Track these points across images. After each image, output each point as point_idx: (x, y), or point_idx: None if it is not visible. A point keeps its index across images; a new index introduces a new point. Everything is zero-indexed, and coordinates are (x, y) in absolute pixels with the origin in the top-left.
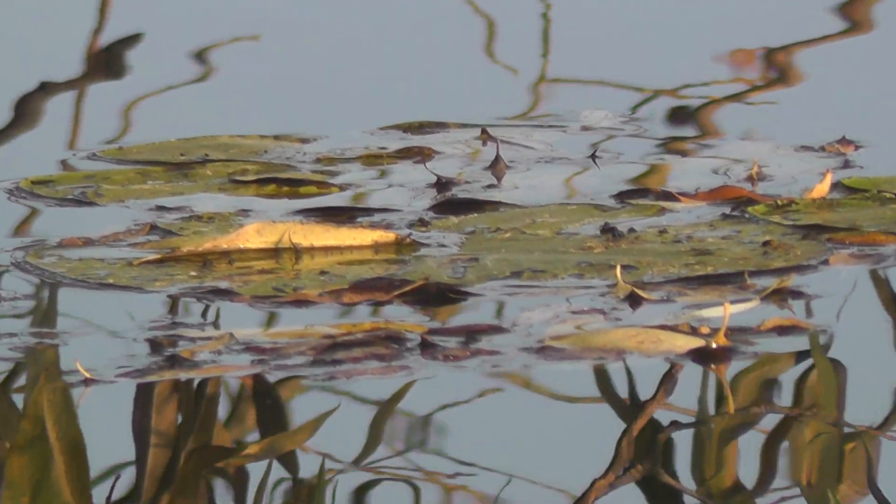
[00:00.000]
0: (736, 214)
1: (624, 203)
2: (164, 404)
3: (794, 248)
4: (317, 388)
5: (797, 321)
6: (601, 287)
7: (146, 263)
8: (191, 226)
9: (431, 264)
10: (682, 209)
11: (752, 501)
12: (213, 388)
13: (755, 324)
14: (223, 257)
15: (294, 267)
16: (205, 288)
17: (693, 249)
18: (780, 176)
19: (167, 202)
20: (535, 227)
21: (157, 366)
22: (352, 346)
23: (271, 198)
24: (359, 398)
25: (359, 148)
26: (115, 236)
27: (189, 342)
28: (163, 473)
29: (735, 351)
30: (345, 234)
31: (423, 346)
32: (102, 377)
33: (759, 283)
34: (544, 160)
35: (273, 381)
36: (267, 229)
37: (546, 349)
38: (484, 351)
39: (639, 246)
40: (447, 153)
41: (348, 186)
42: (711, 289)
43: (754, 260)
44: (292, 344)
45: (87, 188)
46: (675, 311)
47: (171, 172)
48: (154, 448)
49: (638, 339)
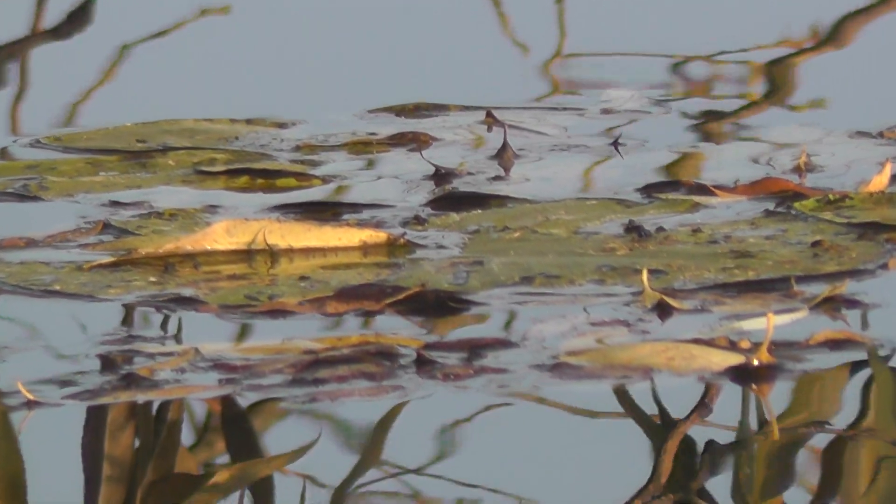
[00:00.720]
0: (781, 211)
1: (651, 198)
2: (119, 431)
3: (848, 249)
4: (296, 413)
5: (852, 334)
6: (625, 295)
7: (98, 268)
8: (150, 224)
9: (429, 268)
10: (719, 204)
11: None
12: (175, 412)
13: (803, 338)
14: (187, 260)
15: (269, 272)
16: (166, 296)
17: (732, 251)
18: (831, 166)
19: (122, 196)
20: (548, 226)
21: (111, 386)
22: (337, 363)
23: (243, 191)
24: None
25: (344, 134)
26: (63, 236)
27: (147, 359)
28: None
29: (780, 368)
30: (328, 233)
31: (420, 362)
32: (47, 399)
33: (808, 291)
34: (559, 148)
35: (245, 405)
36: (238, 228)
37: (561, 366)
38: (489, 369)
39: (669, 247)
40: (447, 140)
41: (332, 178)
42: (753, 297)
43: (802, 263)
44: (267, 361)
45: (30, 180)
46: (710, 323)
47: (128, 162)
48: (107, 482)
49: (668, 354)
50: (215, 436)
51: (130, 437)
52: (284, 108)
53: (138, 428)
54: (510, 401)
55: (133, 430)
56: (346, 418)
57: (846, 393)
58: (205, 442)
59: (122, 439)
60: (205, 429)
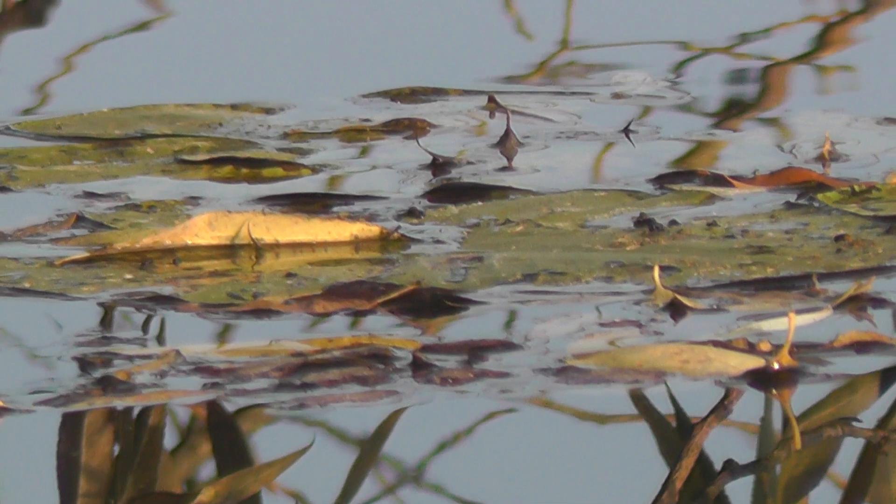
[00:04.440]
0: (803, 203)
1: (664, 189)
2: (96, 439)
3: (874, 244)
4: (284, 419)
5: (879, 336)
6: (635, 293)
7: (71, 263)
8: (127, 217)
9: (425, 265)
10: (737, 196)
11: None
12: (156, 418)
13: (827, 339)
14: (166, 256)
15: (254, 268)
16: (144, 294)
17: (749, 246)
18: (857, 155)
19: (97, 187)
20: (553, 219)
21: (87, 391)
22: (327, 366)
23: (227, 182)
24: (336, 431)
25: (336, 120)
26: (33, 230)
27: (125, 361)
28: None
29: (802, 372)
30: (317, 227)
31: (416, 366)
32: (18, 405)
33: (832, 289)
34: (566, 135)
35: (230, 410)
36: (221, 221)
37: (568, 370)
38: (491, 372)
39: (682, 242)
40: (445, 126)
41: (322, 168)
42: (772, 295)
43: (825, 259)
44: (253, 364)
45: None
46: (727, 324)
47: (103, 150)
48: (83, 497)
49: (682, 357)
50: (199, 443)
51: (109, 446)
52: (272, 93)
53: (117, 435)
54: (513, 406)
55: (111, 438)
56: (337, 425)
57: (875, 398)
58: (188, 450)
59: (100, 448)
60: (188, 436)
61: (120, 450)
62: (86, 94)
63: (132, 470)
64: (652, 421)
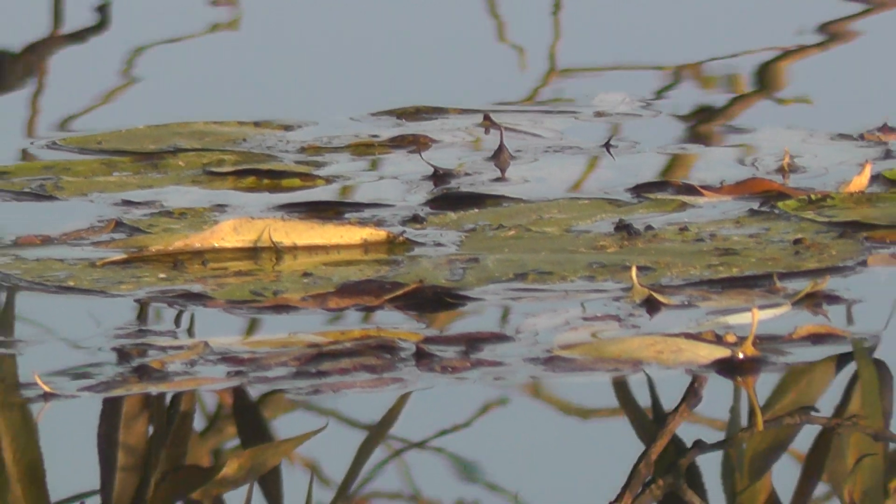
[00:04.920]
0: (765, 210)
1: (641, 197)
2: (133, 421)
3: (828, 247)
4: (301, 403)
5: (833, 329)
6: (615, 291)
7: (111, 264)
8: (160, 222)
9: (427, 265)
10: (706, 204)
11: None
12: (186, 403)
13: (786, 332)
14: (196, 257)
15: (274, 268)
16: (176, 291)
17: (717, 249)
18: (813, 167)
19: (135, 196)
20: (541, 224)
21: (125, 378)
22: (339, 356)
23: (250, 191)
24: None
25: (347, 136)
26: (77, 234)
27: (159, 352)
28: (131, 498)
29: (764, 362)
30: (331, 231)
31: (419, 355)
32: (63, 391)
33: (791, 287)
34: (553, 150)
35: (253, 396)
36: (245, 226)
37: (555, 359)
38: (486, 361)
39: (657, 245)
40: (446, 142)
41: (335, 179)
42: (737, 293)
43: (785, 261)
44: (273, 354)
45: (47, 180)
46: (697, 318)
47: (140, 163)
48: (121, 471)
49: (656, 348)
50: (225, 425)
51: (144, 427)
52: (290, 112)
53: (151, 418)
54: (506, 392)
55: (146, 420)
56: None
57: (829, 383)
58: (215, 431)
59: (136, 429)
60: (215, 418)
61: (154, 430)
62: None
63: (165, 448)
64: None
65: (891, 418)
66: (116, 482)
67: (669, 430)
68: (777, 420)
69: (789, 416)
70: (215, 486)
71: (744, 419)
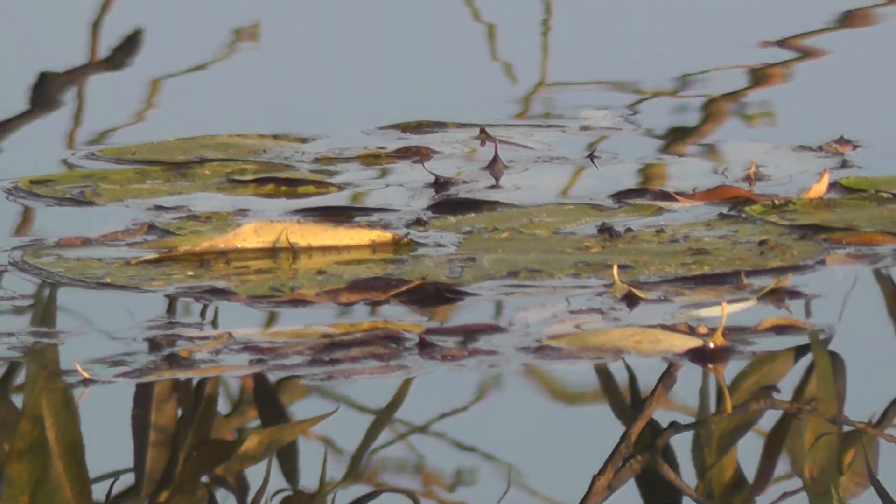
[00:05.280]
0: (733, 214)
1: (621, 203)
2: (163, 404)
3: (790, 248)
4: (316, 388)
5: (794, 321)
6: (598, 287)
7: (144, 263)
8: (188, 225)
9: (429, 264)
10: (680, 209)
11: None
12: (211, 387)
13: (752, 324)
14: (220, 257)
15: (291, 267)
16: (202, 287)
17: (690, 249)
18: (777, 176)
19: (165, 202)
20: (532, 227)
21: (156, 365)
22: (350, 345)
23: (269, 197)
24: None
25: (357, 147)
26: (113, 236)
27: (187, 342)
28: (162, 473)
29: (733, 351)
30: (342, 233)
31: (421, 345)
32: (101, 377)
33: (756, 283)
34: (542, 160)
35: (272, 381)
36: (264, 229)
37: (544, 349)
38: (482, 351)
39: (636, 245)
40: (445, 153)
41: (346, 186)
42: (708, 289)
43: (751, 260)
44: (290, 343)
45: (86, 188)
46: (672, 311)
47: (170, 172)
48: (153, 447)
49: (636, 338)
50: (246, 407)
51: (173, 409)
52: (306, 126)
53: (180, 401)
54: (500, 377)
55: (175, 403)
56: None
57: (790, 369)
58: (237, 412)
59: (166, 411)
60: (237, 402)
61: (182, 412)
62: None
63: (192, 428)
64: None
65: (844, 402)
66: (148, 458)
67: (647, 412)
68: (744, 404)
69: (755, 400)
70: (237, 461)
71: (714, 403)
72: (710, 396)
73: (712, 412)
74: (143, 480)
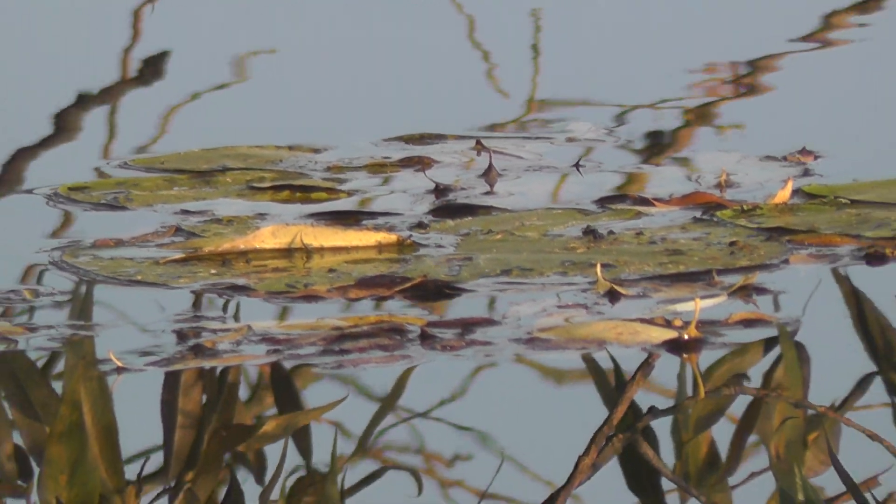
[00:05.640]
0: (706, 218)
1: (604, 208)
2: (189, 390)
3: (758, 248)
4: (327, 375)
5: (761, 315)
6: (583, 284)
7: (171, 262)
8: (212, 228)
9: (430, 263)
10: (657, 213)
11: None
12: (233, 375)
13: (723, 317)
14: (241, 257)
15: (305, 265)
16: (224, 284)
17: (666, 250)
18: (746, 183)
19: (191, 206)
20: (523, 230)
21: (182, 355)
22: (358, 337)
23: (285, 203)
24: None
25: (365, 157)
26: (144, 237)
27: (211, 333)
28: (188, 453)
29: (705, 342)
30: (351, 235)
31: (423, 337)
32: (133, 366)
33: (727, 281)
34: (533, 169)
35: (287, 369)
36: (281, 231)
37: (534, 340)
38: (478, 341)
39: (617, 246)
40: (445, 162)
41: (355, 192)
42: (683, 285)
43: (722, 259)
44: (304, 335)
45: (119, 194)
46: (650, 306)
47: (195, 179)
48: (180, 430)
49: (617, 330)
50: (265, 393)
51: (199, 395)
52: (318, 138)
53: (205, 387)
54: (495, 365)
55: (200, 389)
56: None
57: (759, 359)
58: (256, 397)
59: (192, 396)
60: (256, 387)
61: (207, 398)
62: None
63: (216, 412)
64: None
65: (808, 388)
66: (176, 440)
67: (627, 397)
68: (716, 390)
69: (726, 386)
70: (256, 441)
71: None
72: (686, 383)
73: (688, 397)
74: (171, 460)
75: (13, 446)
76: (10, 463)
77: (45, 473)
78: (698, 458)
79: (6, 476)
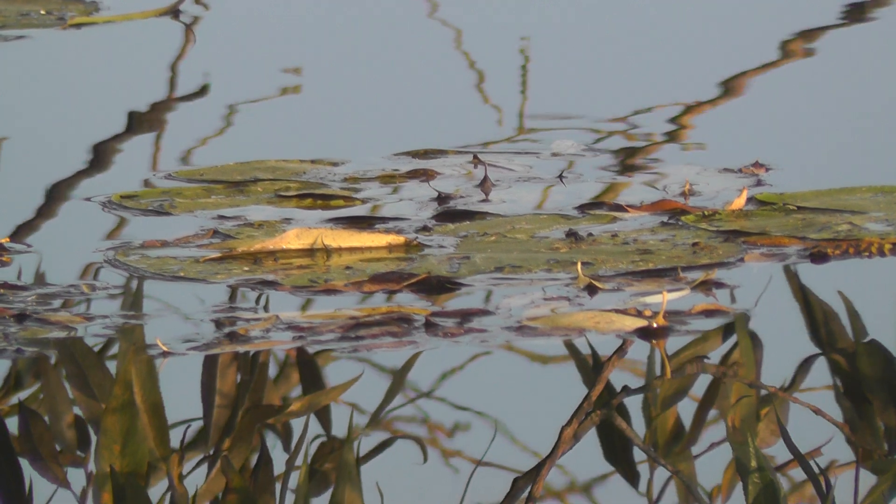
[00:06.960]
0: (672, 222)
1: (584, 213)
2: (225, 371)
3: (717, 248)
4: (344, 358)
5: (720, 306)
6: (566, 279)
7: (210, 261)
8: (245, 231)
9: (433, 261)
10: (630, 218)
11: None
12: (263, 358)
13: (687, 308)
14: (270, 256)
15: (325, 263)
16: (255, 280)
17: (638, 249)
18: (706, 192)
19: (227, 212)
20: (514, 232)
21: (219, 341)
22: (371, 325)
23: (308, 209)
24: (377, 365)
25: (377, 170)
26: (186, 239)
27: (244, 322)
28: (224, 425)
29: (671, 329)
30: (365, 237)
31: (427, 325)
32: (177, 350)
33: (690, 276)
34: (522, 179)
35: (310, 353)
36: (304, 234)
37: (523, 328)
38: (475, 329)
39: (596, 247)
40: (446, 174)
41: (368, 200)
42: (652, 280)
43: (686, 258)
44: (325, 324)
45: (164, 201)
46: (623, 298)
47: (230, 189)
48: (217, 406)
49: (595, 320)
50: (291, 374)
51: (234, 376)
52: (337, 153)
53: (239, 369)
54: (489, 350)
55: (235, 371)
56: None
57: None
58: (284, 377)
59: (228, 378)
60: (284, 369)
61: (241, 379)
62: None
63: (249, 391)
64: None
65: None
66: (214, 414)
67: (604, 377)
68: (681, 371)
69: (689, 364)
70: (284, 416)
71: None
72: (655, 365)
73: (656, 378)
74: (210, 431)
75: (73, 420)
76: (71, 434)
77: (101, 443)
78: (665, 430)
79: (68, 446)
